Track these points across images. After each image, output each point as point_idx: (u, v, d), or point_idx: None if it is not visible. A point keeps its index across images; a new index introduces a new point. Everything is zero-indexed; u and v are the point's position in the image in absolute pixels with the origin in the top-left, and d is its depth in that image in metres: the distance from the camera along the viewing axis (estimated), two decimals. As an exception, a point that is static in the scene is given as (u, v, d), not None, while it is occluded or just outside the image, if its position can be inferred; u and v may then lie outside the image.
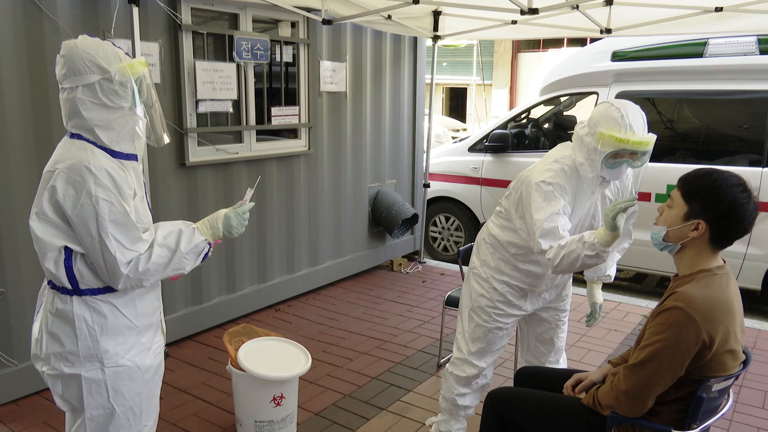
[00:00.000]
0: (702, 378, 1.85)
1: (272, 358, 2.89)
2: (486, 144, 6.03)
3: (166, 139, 2.01)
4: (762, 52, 4.82)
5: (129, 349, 1.86)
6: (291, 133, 4.90)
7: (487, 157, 6.09)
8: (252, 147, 4.49)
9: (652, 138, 2.32)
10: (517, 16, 4.49)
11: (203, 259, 1.92)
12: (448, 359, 2.93)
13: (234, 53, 4.15)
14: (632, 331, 4.46)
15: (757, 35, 4.78)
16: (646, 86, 5.36)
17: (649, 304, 5.06)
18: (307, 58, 4.80)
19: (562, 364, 2.94)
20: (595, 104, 5.53)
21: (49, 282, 1.85)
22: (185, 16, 3.88)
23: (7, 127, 3.10)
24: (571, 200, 2.43)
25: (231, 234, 1.95)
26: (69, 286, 1.78)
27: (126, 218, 1.75)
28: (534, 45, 18.93)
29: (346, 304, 4.99)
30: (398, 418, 3.23)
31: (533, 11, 3.53)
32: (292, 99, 4.80)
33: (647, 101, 5.42)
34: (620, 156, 2.34)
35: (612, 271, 2.88)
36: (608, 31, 4.67)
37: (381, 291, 5.32)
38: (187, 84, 3.93)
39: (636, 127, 2.30)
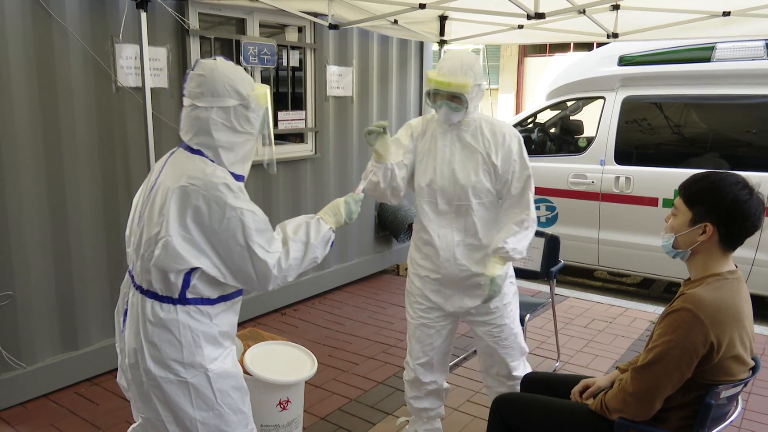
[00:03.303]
0: (707, 382, 1.84)
1: (278, 362, 2.88)
2: (492, 148, 6.02)
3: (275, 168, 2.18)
4: (770, 57, 4.80)
5: (222, 352, 1.92)
6: (297, 137, 4.91)
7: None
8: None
9: (456, 79, 2.41)
10: (524, 21, 4.49)
11: (330, 246, 2.01)
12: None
13: (241, 58, 4.16)
14: (639, 336, 4.44)
15: (765, 40, 4.76)
16: (654, 91, 5.35)
17: (657, 310, 5.03)
18: (314, 63, 4.81)
19: (519, 371, 2.78)
20: (602, 109, 5.59)
21: (147, 291, 1.84)
22: (193, 21, 3.90)
23: (15, 131, 3.12)
24: (422, 145, 2.64)
25: (351, 219, 2.09)
26: (176, 296, 1.81)
27: (266, 224, 1.84)
28: (540, 49, 18.91)
29: (352, 308, 4.99)
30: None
31: (540, 16, 3.52)
32: (298, 103, 4.81)
33: (654, 106, 5.41)
34: (439, 97, 2.49)
35: (509, 245, 2.52)
36: (615, 35, 4.66)
37: (387, 295, 5.31)
38: (195, 88, 3.94)
39: (447, 68, 2.43)
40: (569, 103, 6.17)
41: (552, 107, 6.21)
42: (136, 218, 1.93)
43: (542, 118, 6.51)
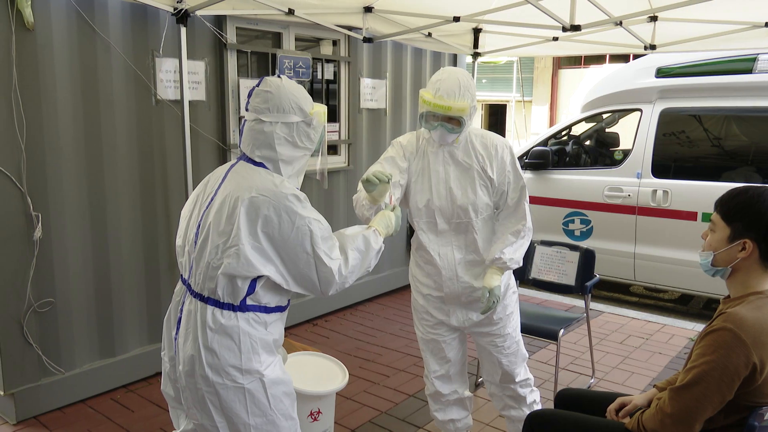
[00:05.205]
0: (750, 404, 1.78)
1: (310, 373, 2.89)
2: (526, 161, 5.97)
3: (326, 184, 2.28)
4: (815, 68, 4.67)
5: (274, 360, 1.97)
6: (331, 149, 4.95)
7: (527, 174, 6.01)
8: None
9: (455, 103, 2.35)
10: (559, 33, 4.46)
11: (379, 256, 2.10)
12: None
13: (277, 71, 4.23)
14: (678, 354, 4.32)
15: (810, 50, 4.64)
16: (692, 103, 5.24)
17: (696, 327, 4.90)
18: (348, 76, 4.85)
19: (521, 376, 2.81)
20: (639, 122, 5.50)
21: (207, 299, 1.88)
22: (230, 36, 3.98)
23: (59, 142, 3.22)
24: (415, 165, 2.60)
25: (396, 232, 2.20)
26: (237, 303, 1.86)
27: (329, 232, 1.92)
28: (575, 61, 18.73)
29: (383, 320, 4.98)
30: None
31: (575, 28, 3.49)
32: (332, 116, 4.86)
33: (693, 118, 5.30)
34: (435, 119, 2.43)
35: (506, 256, 2.55)
36: (653, 47, 4.59)
37: (418, 308, 5.29)
38: (231, 101, 4.02)
39: (443, 90, 2.36)
40: (605, 116, 6.09)
41: (587, 119, 6.13)
42: (192, 227, 1.96)
43: (577, 130, 6.44)
